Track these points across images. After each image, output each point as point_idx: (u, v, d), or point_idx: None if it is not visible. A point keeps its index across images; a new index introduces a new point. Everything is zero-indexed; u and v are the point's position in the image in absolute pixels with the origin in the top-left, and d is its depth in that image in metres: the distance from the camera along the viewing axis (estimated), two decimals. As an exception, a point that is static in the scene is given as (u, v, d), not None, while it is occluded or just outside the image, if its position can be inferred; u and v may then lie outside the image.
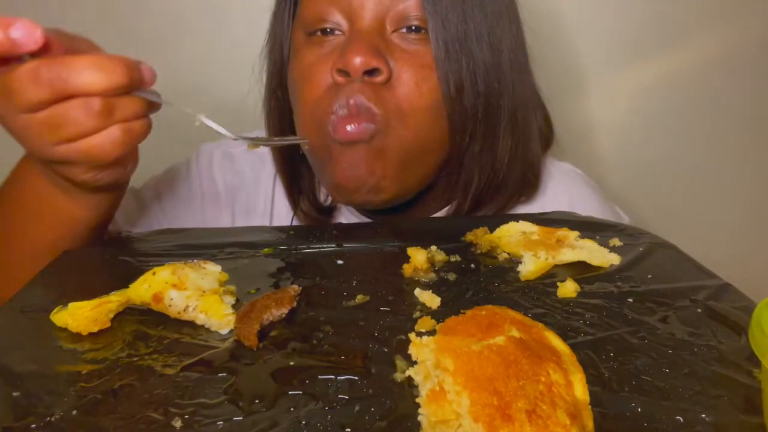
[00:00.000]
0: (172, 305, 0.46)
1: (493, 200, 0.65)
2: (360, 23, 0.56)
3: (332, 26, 0.58)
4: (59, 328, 0.45)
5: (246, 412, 0.36)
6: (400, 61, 0.57)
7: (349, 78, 0.56)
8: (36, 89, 0.43)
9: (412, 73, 0.57)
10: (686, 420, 0.35)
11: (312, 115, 0.59)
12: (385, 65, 0.56)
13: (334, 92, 0.57)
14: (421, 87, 0.57)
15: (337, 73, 0.56)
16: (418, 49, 0.57)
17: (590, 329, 0.44)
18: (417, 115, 0.58)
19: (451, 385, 0.32)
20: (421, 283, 0.51)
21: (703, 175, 1.11)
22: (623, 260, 0.54)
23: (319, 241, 0.59)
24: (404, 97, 0.57)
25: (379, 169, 0.59)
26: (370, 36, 0.56)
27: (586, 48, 1.03)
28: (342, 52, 0.55)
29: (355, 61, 0.54)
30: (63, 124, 0.45)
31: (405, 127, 0.58)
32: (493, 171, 0.63)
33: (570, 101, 1.06)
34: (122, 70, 0.45)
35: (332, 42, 0.59)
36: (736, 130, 1.09)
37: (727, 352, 0.41)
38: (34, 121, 0.45)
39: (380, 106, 0.56)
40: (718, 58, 1.04)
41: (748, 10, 1.02)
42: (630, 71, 1.05)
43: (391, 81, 0.57)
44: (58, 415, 0.36)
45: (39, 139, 0.46)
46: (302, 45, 0.61)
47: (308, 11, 0.60)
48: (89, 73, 0.43)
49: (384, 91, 0.56)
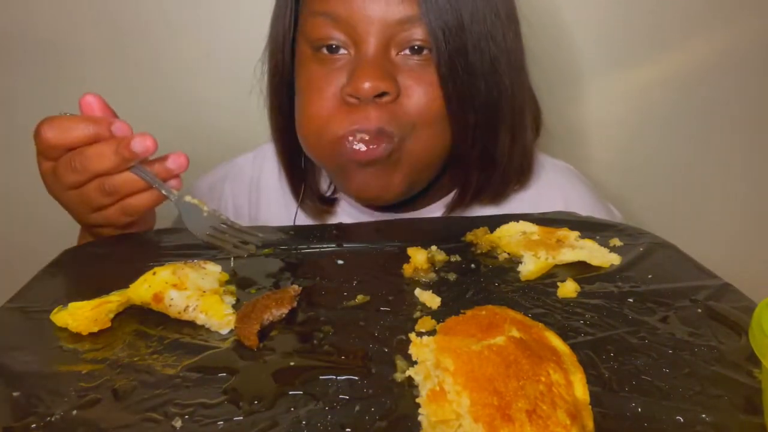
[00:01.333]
0: (172, 305, 0.46)
1: (492, 188, 0.69)
2: (366, 47, 0.59)
3: (338, 44, 0.61)
4: (59, 328, 0.45)
5: (246, 412, 0.36)
6: (407, 80, 0.60)
7: (360, 101, 0.59)
8: (71, 174, 0.55)
9: (419, 92, 0.60)
10: (686, 420, 0.35)
11: (320, 131, 0.62)
12: (393, 86, 0.59)
13: (346, 113, 0.60)
14: (429, 104, 0.60)
15: (348, 96, 0.59)
16: (422, 68, 0.60)
17: (590, 329, 0.44)
18: (426, 129, 0.61)
19: (451, 385, 0.32)
20: (421, 283, 0.51)
21: (703, 175, 1.11)
22: (623, 260, 0.54)
23: (319, 241, 0.59)
24: (414, 114, 0.60)
25: (392, 179, 0.63)
26: (377, 60, 0.59)
27: (585, 47, 1.03)
28: (352, 78, 0.58)
29: (365, 87, 0.57)
30: (87, 201, 0.57)
31: (416, 141, 0.61)
32: (492, 163, 0.66)
33: (569, 101, 1.06)
34: (114, 156, 0.53)
35: (339, 60, 0.61)
36: (736, 129, 1.09)
37: (727, 352, 0.41)
38: (72, 196, 0.57)
39: (393, 125, 0.60)
40: (718, 58, 1.04)
41: (745, 11, 1.02)
42: (630, 71, 1.05)
43: (400, 99, 0.60)
44: (58, 415, 0.36)
45: (76, 209, 0.59)
46: (308, 59, 0.63)
47: (313, 30, 0.61)
48: (97, 161, 0.54)
49: (395, 110, 0.60)
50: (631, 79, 1.05)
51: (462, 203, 0.69)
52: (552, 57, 1.02)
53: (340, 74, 0.60)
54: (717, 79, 1.05)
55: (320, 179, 0.74)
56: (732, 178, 1.12)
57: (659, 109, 1.07)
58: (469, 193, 0.68)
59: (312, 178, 0.73)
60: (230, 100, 1.04)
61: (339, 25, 0.60)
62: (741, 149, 1.10)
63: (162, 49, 1.02)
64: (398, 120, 0.60)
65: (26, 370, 0.40)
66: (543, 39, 1.01)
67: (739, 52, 1.04)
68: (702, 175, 1.11)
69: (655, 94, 1.06)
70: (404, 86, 0.60)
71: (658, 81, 1.05)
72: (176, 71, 1.03)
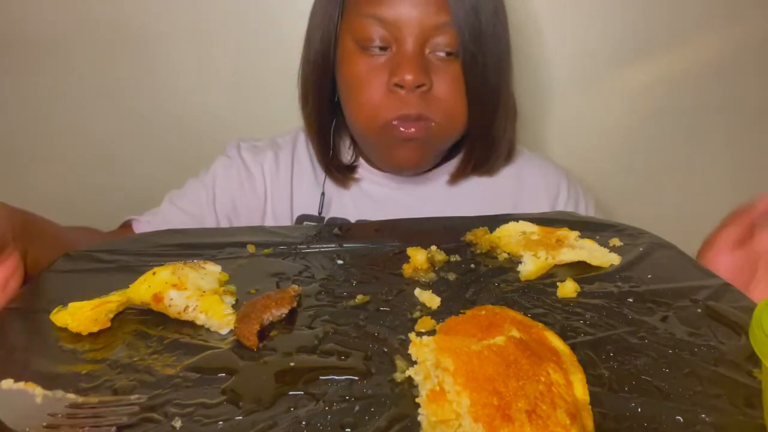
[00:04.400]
0: (172, 305, 0.46)
1: (489, 161, 0.83)
2: (406, 46, 0.72)
3: (382, 43, 0.73)
4: (59, 328, 0.45)
5: (246, 412, 0.36)
6: (438, 76, 0.73)
7: (403, 89, 0.72)
8: None
9: (448, 86, 0.74)
10: (686, 420, 0.35)
11: (370, 117, 0.75)
12: (428, 80, 0.72)
13: (392, 100, 0.73)
14: (456, 97, 0.74)
15: (394, 86, 0.72)
16: (449, 65, 0.74)
17: (590, 329, 0.44)
18: (453, 116, 0.76)
19: (451, 385, 0.32)
20: (421, 283, 0.51)
21: (703, 174, 1.11)
22: (623, 260, 0.54)
23: (319, 241, 0.59)
24: (445, 104, 0.74)
25: (426, 153, 0.78)
26: (416, 56, 0.72)
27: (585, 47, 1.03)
28: (397, 71, 0.71)
29: (408, 78, 0.70)
30: None
31: (445, 126, 0.76)
32: (491, 140, 0.81)
33: (570, 100, 1.06)
34: None
35: (382, 57, 0.74)
36: (736, 129, 1.09)
37: (727, 352, 0.41)
38: None
39: (430, 112, 0.73)
40: (719, 57, 1.04)
41: (749, 10, 1.02)
42: (631, 70, 1.05)
43: (432, 91, 0.73)
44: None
45: None
46: (354, 53, 0.75)
47: (361, 29, 0.74)
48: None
49: (430, 100, 0.73)
50: (631, 78, 1.05)
51: (464, 173, 0.83)
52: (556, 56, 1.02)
53: (383, 68, 0.73)
54: (718, 78, 1.05)
55: (342, 152, 0.86)
56: (732, 178, 1.12)
57: (659, 109, 1.07)
58: (470, 164, 0.82)
59: (336, 151, 0.84)
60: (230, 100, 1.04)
61: (386, 26, 0.72)
62: (741, 149, 1.10)
63: (161, 49, 1.01)
64: (433, 107, 0.73)
65: (26, 370, 0.40)
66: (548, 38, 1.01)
67: (740, 52, 1.04)
68: (702, 175, 1.11)
69: (656, 94, 1.06)
70: (436, 80, 0.73)
71: (658, 81, 1.05)
72: (176, 71, 1.03)
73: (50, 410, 0.37)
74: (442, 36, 0.72)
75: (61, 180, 1.09)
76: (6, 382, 0.37)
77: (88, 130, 1.06)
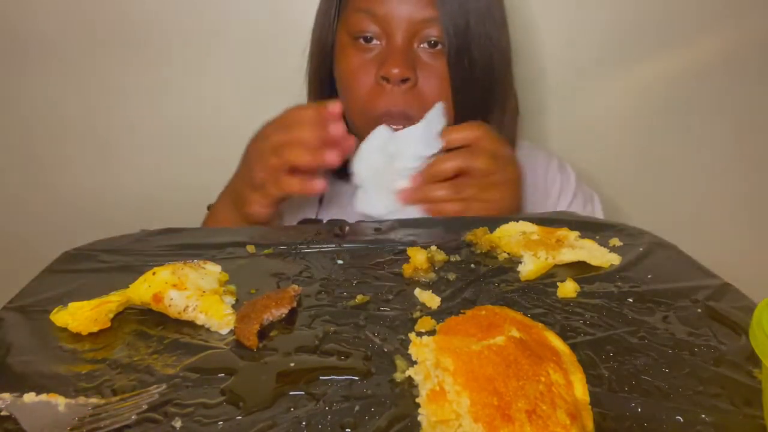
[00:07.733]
0: (172, 305, 0.46)
1: None
2: (395, 39, 0.75)
3: (372, 35, 0.77)
4: (59, 328, 0.45)
5: (246, 412, 0.36)
6: (424, 72, 0.76)
7: (388, 83, 0.75)
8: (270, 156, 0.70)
9: (433, 83, 0.76)
10: (686, 420, 0.35)
11: (361, 111, 0.78)
12: (414, 75, 0.75)
13: (378, 94, 0.76)
14: (440, 93, 0.76)
15: (380, 79, 0.75)
16: (435, 59, 0.76)
17: (590, 329, 0.44)
18: None
19: (451, 385, 0.32)
20: (421, 283, 0.51)
21: (703, 174, 1.11)
22: (623, 260, 0.54)
23: (319, 242, 0.59)
24: (428, 100, 0.75)
25: None
26: (404, 51, 0.75)
27: (586, 47, 1.03)
28: (384, 63, 0.74)
29: (394, 72, 0.73)
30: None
31: None
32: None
33: (570, 99, 1.06)
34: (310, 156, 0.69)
35: (372, 50, 0.77)
36: (736, 129, 1.09)
37: (727, 352, 0.41)
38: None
39: (414, 109, 0.75)
40: (719, 57, 1.04)
41: (749, 9, 1.02)
42: (631, 70, 1.05)
43: (418, 87, 0.75)
44: (58, 415, 0.36)
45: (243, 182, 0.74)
46: (347, 46, 0.79)
47: (354, 23, 0.77)
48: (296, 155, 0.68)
49: (415, 96, 0.75)
50: (632, 78, 1.05)
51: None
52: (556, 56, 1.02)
53: (373, 62, 0.76)
54: (718, 78, 1.05)
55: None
56: (733, 177, 1.12)
57: (659, 109, 1.07)
58: None
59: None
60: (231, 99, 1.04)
61: (376, 20, 0.75)
62: (742, 149, 1.10)
63: (163, 47, 1.02)
64: (417, 104, 0.75)
65: (26, 370, 0.40)
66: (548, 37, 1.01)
67: (744, 52, 1.04)
68: (702, 175, 1.11)
69: (656, 93, 1.06)
70: (422, 76, 0.75)
71: (659, 80, 1.05)
72: (177, 70, 1.03)
73: (74, 416, 0.37)
74: (430, 30, 0.75)
75: (62, 180, 1.09)
76: (29, 395, 0.37)
77: (89, 130, 1.06)
